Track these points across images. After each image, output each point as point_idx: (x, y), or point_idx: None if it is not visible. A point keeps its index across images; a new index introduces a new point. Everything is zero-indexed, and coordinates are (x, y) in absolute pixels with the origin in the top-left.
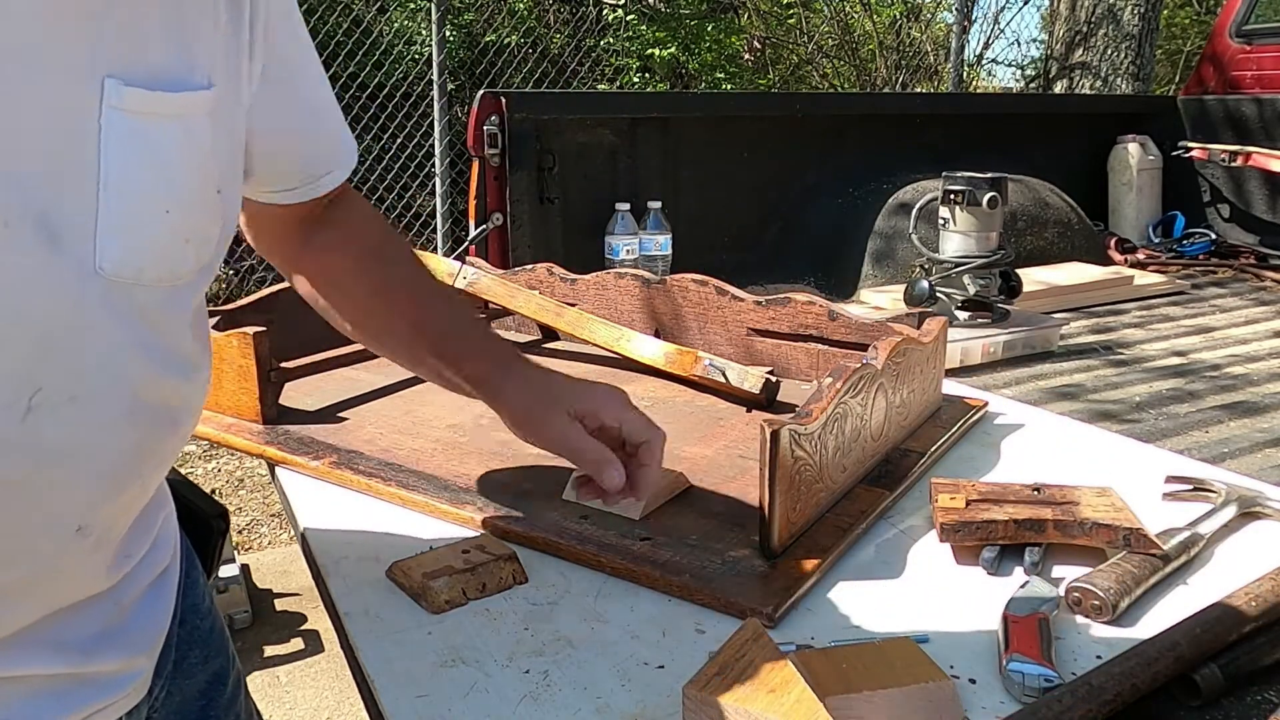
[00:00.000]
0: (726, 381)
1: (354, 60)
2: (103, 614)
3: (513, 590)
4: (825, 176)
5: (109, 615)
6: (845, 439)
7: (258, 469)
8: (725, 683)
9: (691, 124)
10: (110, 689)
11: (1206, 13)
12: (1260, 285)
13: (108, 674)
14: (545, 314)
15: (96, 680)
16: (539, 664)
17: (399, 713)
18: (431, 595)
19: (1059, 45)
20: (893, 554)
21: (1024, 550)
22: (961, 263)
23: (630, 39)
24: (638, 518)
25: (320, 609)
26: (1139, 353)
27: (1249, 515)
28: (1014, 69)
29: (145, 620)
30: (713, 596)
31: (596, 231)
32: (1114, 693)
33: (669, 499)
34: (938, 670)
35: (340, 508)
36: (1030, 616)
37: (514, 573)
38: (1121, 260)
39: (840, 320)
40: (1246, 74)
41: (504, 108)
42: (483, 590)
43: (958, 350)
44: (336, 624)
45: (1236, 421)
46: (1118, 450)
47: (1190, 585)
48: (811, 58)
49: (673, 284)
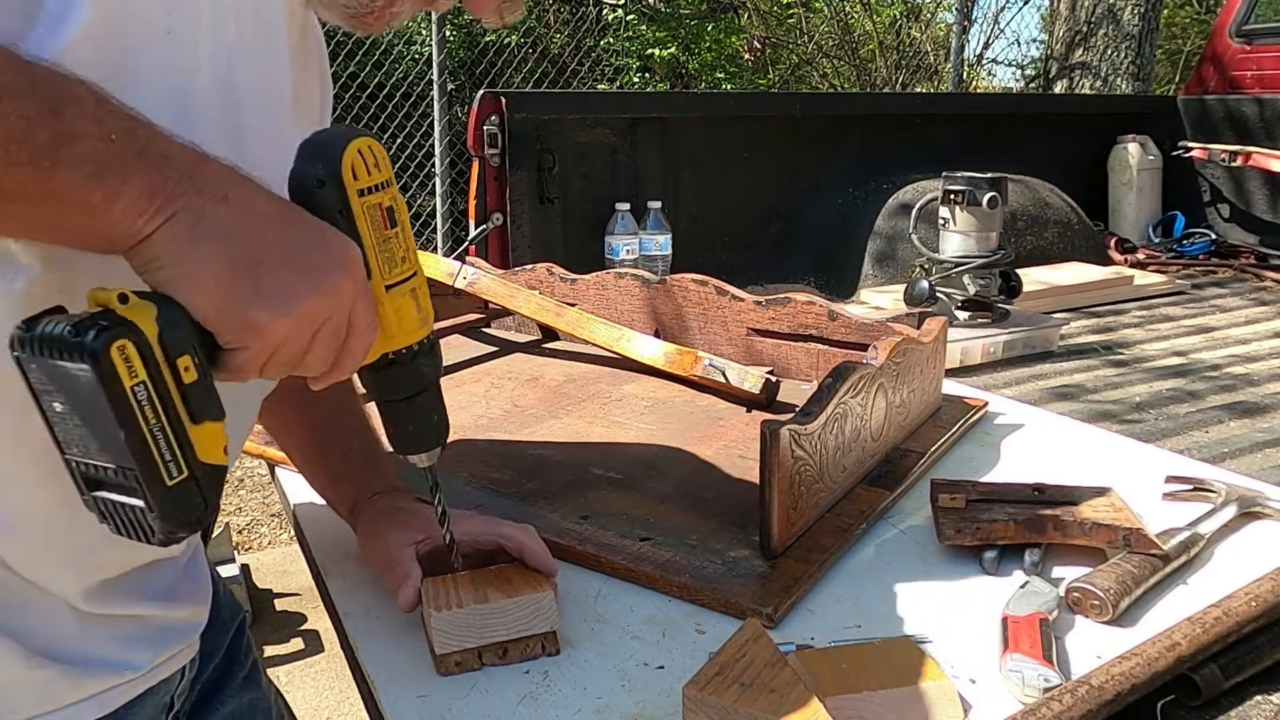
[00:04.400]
0: (726, 381)
1: (354, 60)
2: (172, 569)
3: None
4: (825, 176)
5: (174, 572)
6: (845, 439)
7: (258, 469)
8: (725, 683)
9: (691, 124)
10: (183, 634)
11: (1206, 13)
12: (1260, 285)
13: (180, 620)
14: (545, 314)
15: (173, 626)
16: (539, 664)
17: (399, 713)
18: (444, 664)
19: (1059, 45)
20: (893, 554)
21: (1024, 550)
22: (961, 263)
23: (630, 39)
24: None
25: (320, 609)
26: (1139, 353)
27: (1249, 515)
28: (1014, 69)
29: (197, 574)
30: (713, 597)
31: (596, 231)
32: (1114, 692)
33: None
34: (938, 670)
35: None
36: (1030, 616)
37: (544, 643)
38: (1121, 260)
39: (840, 320)
40: (1246, 74)
41: (504, 108)
42: (503, 656)
43: (958, 350)
44: (336, 624)
45: (1236, 421)
46: (1118, 450)
47: (1190, 585)
48: (811, 58)
49: (673, 284)
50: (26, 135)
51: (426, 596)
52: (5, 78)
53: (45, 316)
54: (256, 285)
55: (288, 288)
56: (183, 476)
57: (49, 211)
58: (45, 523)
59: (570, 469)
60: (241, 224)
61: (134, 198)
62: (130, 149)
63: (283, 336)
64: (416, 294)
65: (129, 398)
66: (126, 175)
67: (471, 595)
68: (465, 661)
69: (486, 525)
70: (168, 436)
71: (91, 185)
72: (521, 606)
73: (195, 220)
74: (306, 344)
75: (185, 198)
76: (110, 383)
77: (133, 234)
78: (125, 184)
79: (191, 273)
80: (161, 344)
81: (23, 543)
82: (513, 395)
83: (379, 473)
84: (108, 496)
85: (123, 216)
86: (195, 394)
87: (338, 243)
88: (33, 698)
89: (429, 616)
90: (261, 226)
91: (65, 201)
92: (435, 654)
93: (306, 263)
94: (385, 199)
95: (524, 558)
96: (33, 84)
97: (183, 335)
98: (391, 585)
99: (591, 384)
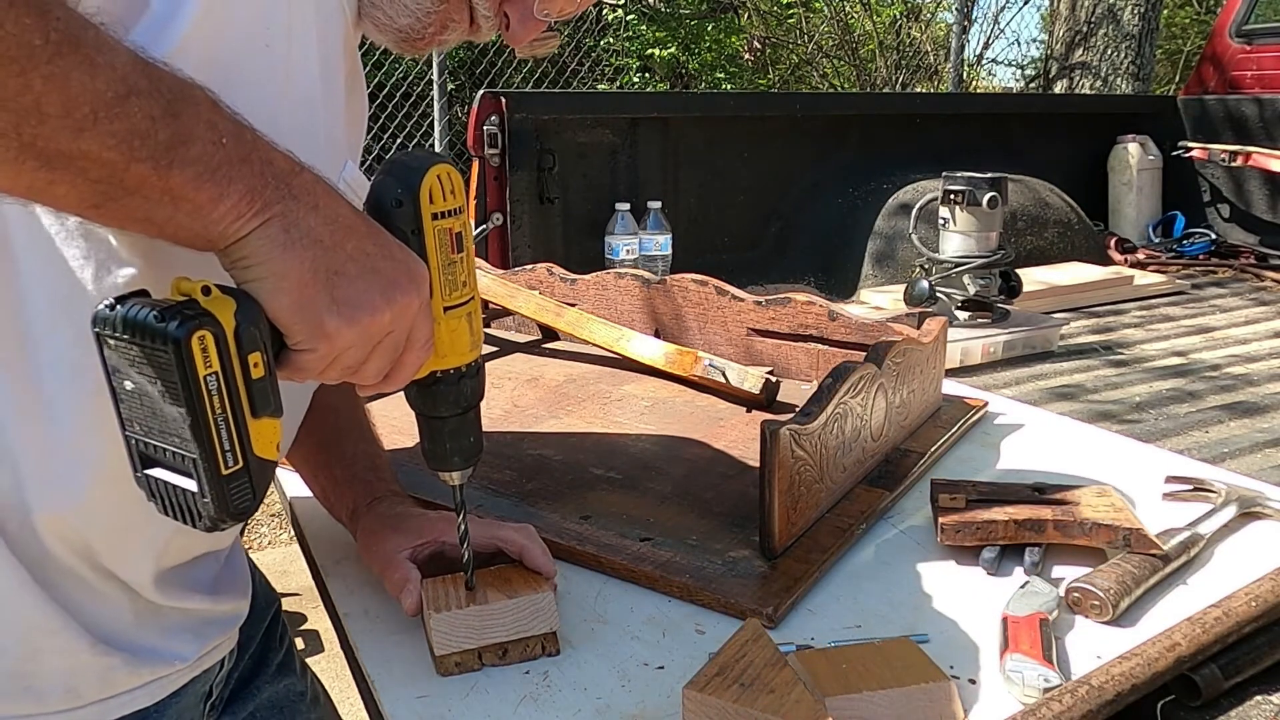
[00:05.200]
0: (726, 381)
1: None
2: (215, 563)
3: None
4: (825, 176)
5: (217, 565)
6: (845, 439)
7: None
8: (725, 683)
9: (691, 124)
10: (225, 626)
11: (1206, 13)
12: (1260, 285)
13: (223, 613)
14: (545, 314)
15: (216, 618)
16: (539, 664)
17: (399, 713)
18: (444, 664)
19: (1059, 45)
20: (893, 554)
21: (1024, 550)
22: (961, 263)
23: (630, 39)
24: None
25: (320, 609)
26: (1139, 353)
27: (1249, 515)
28: (1014, 69)
29: (238, 567)
30: (713, 597)
31: (596, 231)
32: (1114, 693)
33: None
34: (938, 670)
35: None
36: (1030, 616)
37: (544, 644)
38: (1121, 260)
39: (840, 320)
40: (1246, 74)
41: (504, 108)
42: (503, 657)
43: (958, 350)
44: (336, 624)
45: (1236, 421)
46: (1118, 450)
47: (1190, 585)
48: (811, 58)
49: (673, 284)
50: (149, 133)
51: (426, 597)
52: (133, 78)
53: (132, 298)
54: (332, 293)
55: (360, 299)
56: (238, 467)
57: (161, 207)
58: (127, 507)
59: (570, 469)
60: (327, 233)
61: (236, 200)
62: (237, 154)
63: (348, 344)
64: (471, 318)
65: (201, 386)
66: (232, 178)
67: (471, 596)
68: (465, 662)
69: (486, 529)
70: (230, 427)
71: (200, 185)
72: (521, 607)
73: (288, 226)
74: (367, 354)
75: (281, 204)
76: (186, 369)
77: (230, 234)
78: (230, 186)
79: (277, 274)
80: (237, 338)
81: (108, 528)
82: (513, 395)
83: (379, 479)
84: (161, 476)
85: (223, 217)
86: (260, 389)
87: (410, 261)
88: (96, 683)
89: (428, 617)
90: (344, 237)
91: (177, 199)
92: (435, 655)
93: (380, 277)
94: (456, 225)
95: (524, 560)
96: (156, 85)
97: (257, 332)
98: (392, 591)
99: (591, 384)
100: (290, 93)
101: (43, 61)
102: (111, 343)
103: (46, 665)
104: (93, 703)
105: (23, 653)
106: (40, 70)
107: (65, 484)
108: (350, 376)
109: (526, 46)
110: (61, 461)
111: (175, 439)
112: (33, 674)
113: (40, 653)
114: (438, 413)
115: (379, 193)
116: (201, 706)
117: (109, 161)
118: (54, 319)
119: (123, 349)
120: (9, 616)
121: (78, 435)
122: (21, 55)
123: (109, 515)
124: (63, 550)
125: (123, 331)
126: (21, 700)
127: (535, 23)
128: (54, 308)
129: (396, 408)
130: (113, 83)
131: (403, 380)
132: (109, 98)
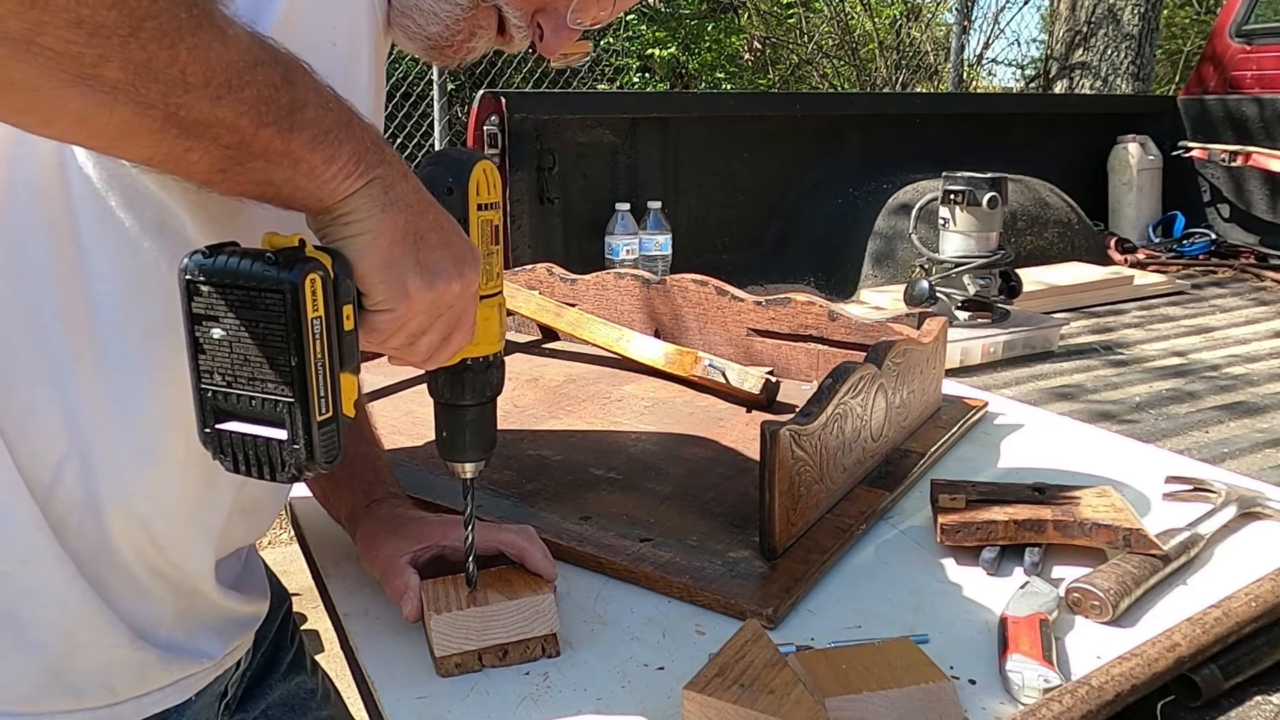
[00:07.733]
0: (726, 382)
1: None
2: (237, 562)
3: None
4: (825, 176)
5: (238, 565)
6: (845, 439)
7: None
8: (725, 684)
9: (691, 124)
10: (247, 626)
11: (1206, 13)
12: (1260, 285)
13: (245, 614)
14: (545, 314)
15: (239, 618)
16: (539, 665)
17: (399, 714)
18: (444, 665)
19: (1059, 45)
20: (893, 554)
21: (1024, 550)
22: (961, 263)
23: (630, 39)
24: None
25: (320, 609)
26: (1139, 353)
27: (1249, 515)
28: (1014, 69)
29: (255, 566)
30: (713, 598)
31: (596, 231)
32: (1114, 693)
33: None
34: (938, 670)
35: None
36: (1030, 617)
37: (545, 645)
38: (1121, 260)
39: (840, 320)
40: (1246, 74)
41: (504, 108)
42: (503, 658)
43: (958, 350)
44: (336, 624)
45: (1236, 421)
46: (1118, 450)
47: (1190, 585)
48: (811, 58)
49: (673, 284)
50: (274, 99)
51: (426, 598)
52: (255, 49)
53: (227, 247)
54: (417, 256)
55: (439, 265)
56: (328, 415)
57: (282, 169)
58: (189, 497)
59: (570, 469)
60: (415, 200)
61: (344, 161)
62: (340, 119)
63: (422, 309)
64: (500, 309)
65: (308, 329)
66: (340, 140)
67: (472, 597)
68: (465, 663)
69: (486, 533)
70: (326, 374)
71: (315, 147)
72: (521, 608)
73: (387, 187)
74: (429, 324)
75: (381, 167)
76: (299, 310)
77: (340, 193)
78: (340, 148)
79: (374, 230)
80: (336, 288)
81: (174, 516)
82: (513, 395)
83: (379, 480)
84: (238, 429)
85: (334, 176)
86: (349, 342)
87: (469, 243)
88: (132, 680)
89: (429, 618)
90: (426, 206)
91: (297, 161)
92: (435, 655)
93: (453, 250)
94: (495, 218)
95: (525, 564)
96: (274, 56)
97: (351, 285)
98: (392, 596)
99: (591, 384)
100: (348, 92)
101: (188, 33)
102: (205, 290)
103: (86, 661)
104: (128, 699)
105: (64, 649)
106: (186, 42)
107: (136, 474)
108: (407, 348)
109: (559, 57)
110: (133, 452)
111: (269, 384)
112: (71, 670)
113: (81, 648)
114: (463, 400)
115: (430, 181)
116: (217, 705)
117: (240, 128)
118: (126, 312)
119: (219, 295)
120: (53, 613)
121: (149, 425)
122: (171, 29)
123: (176, 504)
124: (124, 543)
125: (224, 276)
126: (60, 697)
127: (569, 32)
128: (126, 301)
129: (397, 408)
130: (242, 53)
131: (445, 358)
132: (240, 67)
